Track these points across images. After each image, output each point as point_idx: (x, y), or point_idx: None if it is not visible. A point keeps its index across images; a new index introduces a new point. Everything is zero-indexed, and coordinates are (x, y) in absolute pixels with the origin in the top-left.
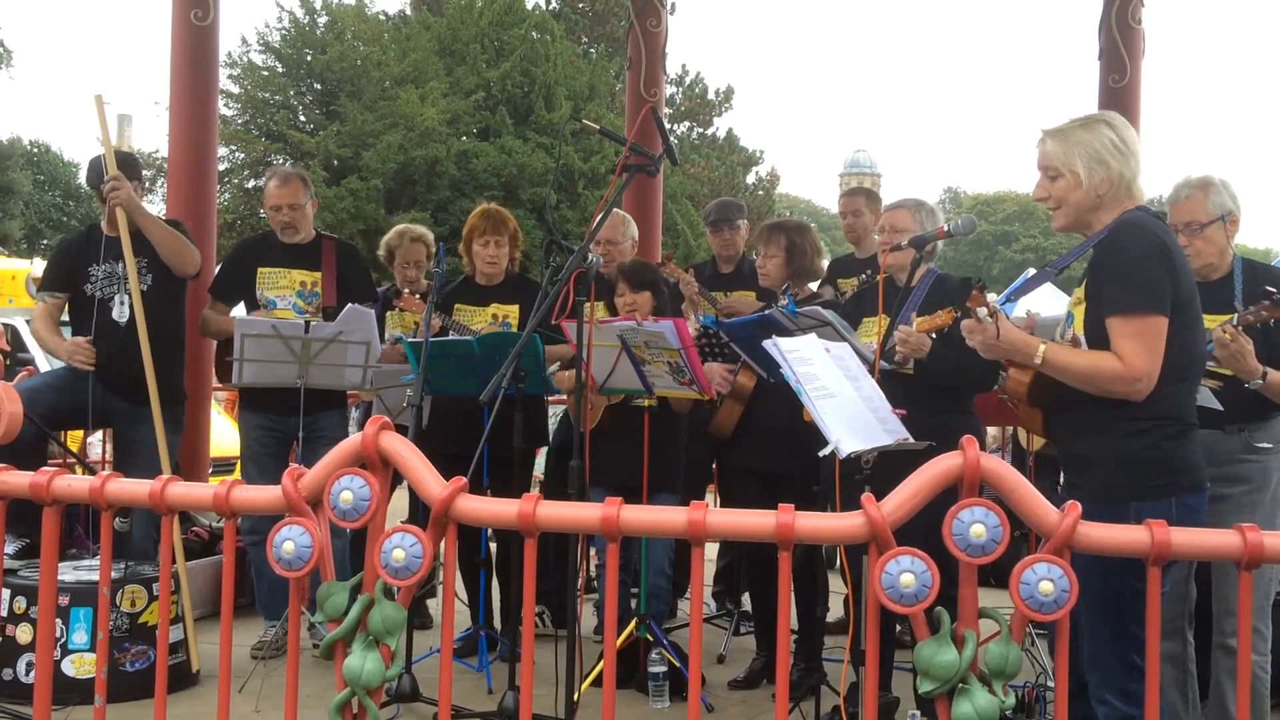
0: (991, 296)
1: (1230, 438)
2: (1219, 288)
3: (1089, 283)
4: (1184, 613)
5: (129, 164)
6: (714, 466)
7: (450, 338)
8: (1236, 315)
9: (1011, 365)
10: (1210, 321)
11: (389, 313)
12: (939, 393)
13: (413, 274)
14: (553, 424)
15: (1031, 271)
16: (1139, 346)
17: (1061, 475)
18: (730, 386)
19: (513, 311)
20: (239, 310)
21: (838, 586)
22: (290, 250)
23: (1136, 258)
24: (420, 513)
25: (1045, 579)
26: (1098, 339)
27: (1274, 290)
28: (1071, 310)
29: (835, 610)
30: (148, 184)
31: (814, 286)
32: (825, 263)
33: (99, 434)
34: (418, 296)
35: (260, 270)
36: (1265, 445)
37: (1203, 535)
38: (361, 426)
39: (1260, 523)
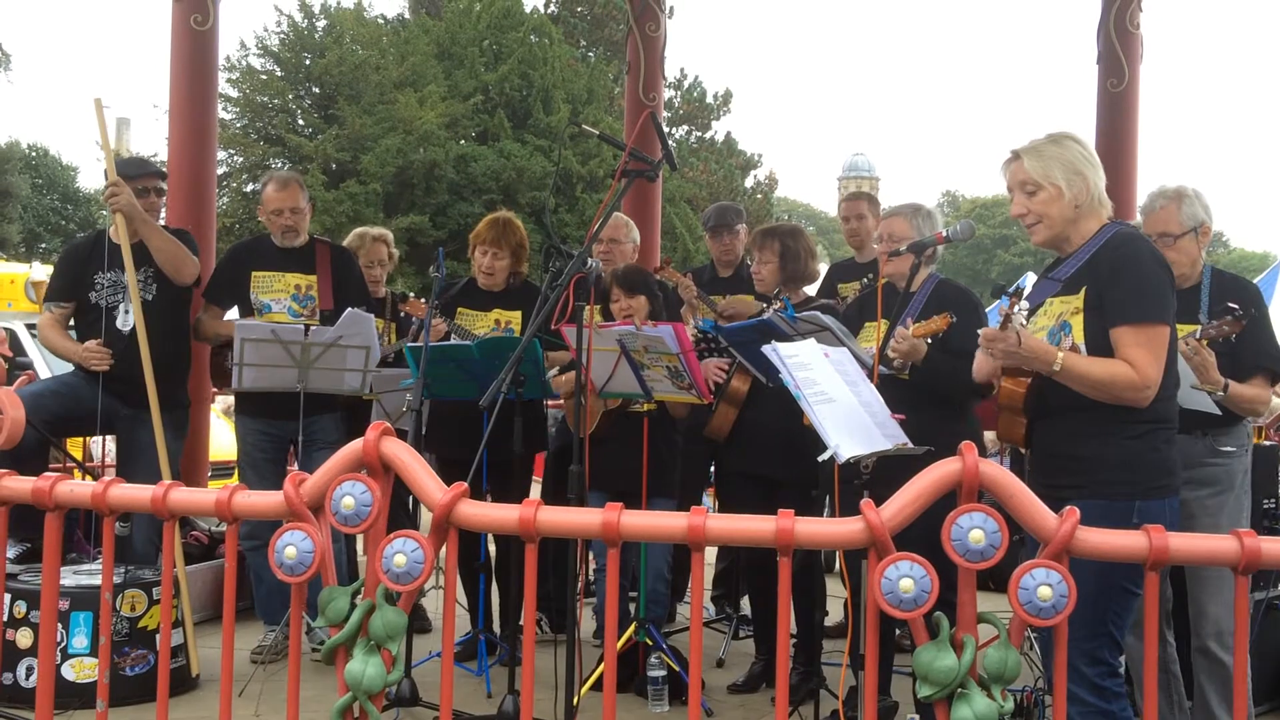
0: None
1: (1195, 442)
2: (1188, 297)
3: (1088, 293)
4: (1163, 613)
5: (145, 165)
6: (711, 470)
7: (450, 342)
8: (1200, 329)
9: (1005, 374)
10: (1178, 330)
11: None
12: (938, 398)
13: (377, 273)
14: (550, 429)
15: (1030, 276)
16: (1149, 355)
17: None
18: (724, 376)
19: (515, 317)
20: (233, 314)
21: (837, 590)
22: (285, 254)
23: (1147, 270)
24: (405, 518)
25: (1044, 584)
26: (1099, 347)
27: (1235, 306)
28: (1069, 320)
29: (835, 614)
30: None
31: (809, 290)
32: (821, 266)
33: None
34: (421, 300)
35: (255, 274)
36: (1229, 449)
37: (1200, 540)
38: None
39: (1225, 524)
